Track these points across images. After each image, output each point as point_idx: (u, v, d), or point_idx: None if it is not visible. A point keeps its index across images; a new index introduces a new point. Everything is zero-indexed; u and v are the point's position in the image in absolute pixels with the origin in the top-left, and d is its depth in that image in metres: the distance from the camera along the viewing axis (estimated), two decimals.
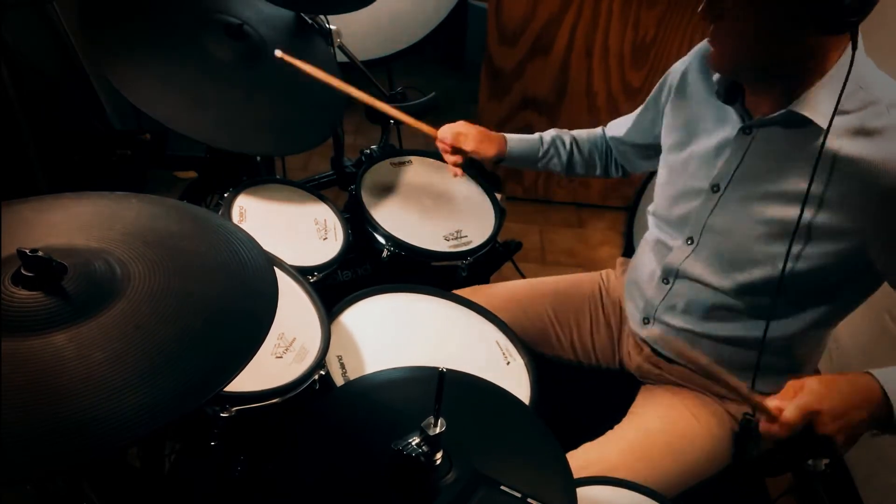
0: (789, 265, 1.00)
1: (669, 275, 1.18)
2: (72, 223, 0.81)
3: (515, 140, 1.43)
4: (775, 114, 0.99)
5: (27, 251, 0.67)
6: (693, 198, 1.12)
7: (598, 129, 1.47)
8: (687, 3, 2.15)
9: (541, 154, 1.43)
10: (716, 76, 1.08)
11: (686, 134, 1.15)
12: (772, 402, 0.89)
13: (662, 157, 1.22)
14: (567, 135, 1.46)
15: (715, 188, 1.09)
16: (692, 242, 1.13)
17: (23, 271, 0.68)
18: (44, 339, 0.66)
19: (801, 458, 1.17)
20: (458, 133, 1.38)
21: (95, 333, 0.67)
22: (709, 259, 1.11)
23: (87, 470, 1.01)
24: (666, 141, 1.21)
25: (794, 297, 1.05)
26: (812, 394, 0.87)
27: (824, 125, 0.94)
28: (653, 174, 2.15)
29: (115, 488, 1.10)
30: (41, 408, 0.62)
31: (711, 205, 1.09)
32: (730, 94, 1.06)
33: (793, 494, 1.70)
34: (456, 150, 1.39)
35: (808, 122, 0.96)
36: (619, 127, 1.41)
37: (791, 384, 0.90)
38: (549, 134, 1.45)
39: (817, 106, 0.95)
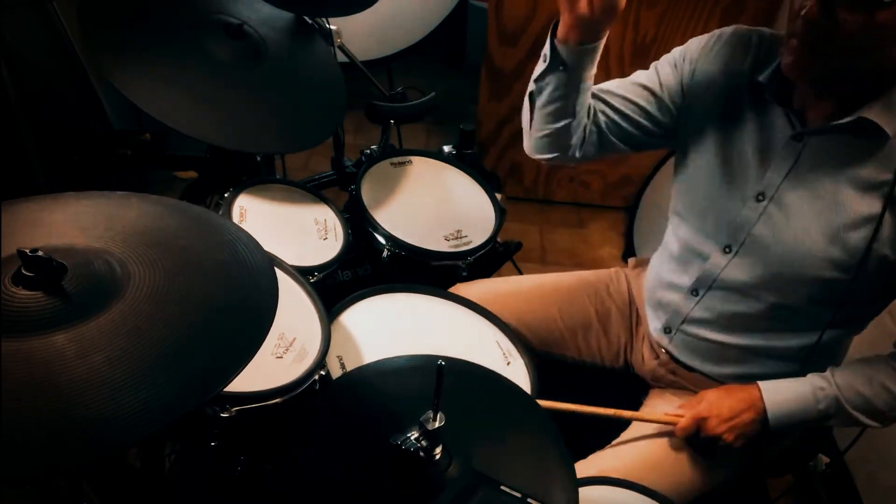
0: (846, 280, 0.98)
1: (701, 286, 1.13)
2: (72, 223, 0.81)
3: None
4: (841, 121, 0.93)
5: (27, 251, 0.67)
6: (733, 204, 1.06)
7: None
8: (687, 2, 2.15)
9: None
10: (763, 75, 1.00)
11: (722, 134, 1.07)
12: (671, 412, 1.13)
13: (691, 155, 1.13)
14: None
15: (760, 197, 1.03)
16: (730, 251, 1.08)
17: (23, 271, 0.68)
18: (44, 339, 0.66)
19: (802, 458, 1.18)
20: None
21: (96, 334, 0.67)
22: (750, 270, 1.06)
23: (88, 470, 1.01)
24: (696, 138, 1.11)
25: (841, 312, 1.02)
26: (704, 403, 1.09)
27: (891, 132, 0.91)
28: (655, 172, 2.16)
29: (115, 488, 1.09)
30: (42, 408, 0.62)
31: (756, 214, 1.04)
32: (781, 95, 1.00)
33: (793, 494, 1.70)
34: None
35: (874, 132, 0.91)
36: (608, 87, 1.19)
37: (696, 396, 1.13)
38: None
39: (889, 112, 0.90)
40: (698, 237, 1.13)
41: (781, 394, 1.06)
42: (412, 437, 0.78)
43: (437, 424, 0.77)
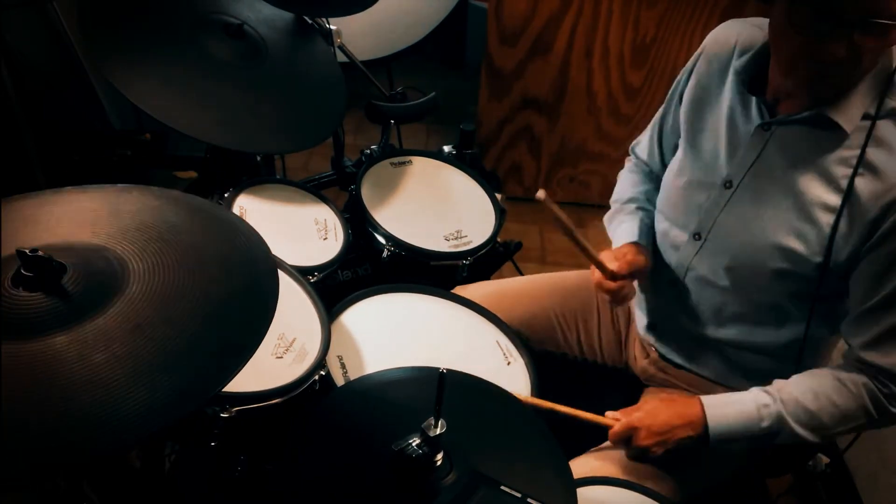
0: (810, 272, 0.99)
1: (677, 276, 1.15)
2: (72, 219, 0.81)
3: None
4: (801, 114, 0.96)
5: (27, 251, 0.67)
6: (703, 191, 1.09)
7: (641, 175, 1.33)
8: (687, 2, 2.15)
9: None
10: (739, 61, 1.03)
11: (699, 123, 1.11)
12: (611, 415, 1.10)
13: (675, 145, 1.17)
14: (646, 203, 1.29)
15: (727, 184, 1.05)
16: (700, 239, 1.10)
17: (22, 272, 0.68)
18: (45, 341, 0.66)
19: (802, 458, 1.17)
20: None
21: (96, 333, 0.67)
22: (718, 258, 1.08)
23: (88, 470, 1.01)
24: (679, 128, 1.16)
25: (818, 307, 1.02)
26: (639, 413, 1.07)
27: (849, 129, 0.92)
28: None
29: (115, 488, 1.10)
30: (42, 409, 0.62)
31: (723, 201, 1.06)
32: (754, 84, 1.02)
33: (793, 494, 1.70)
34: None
35: (833, 127, 0.93)
36: (650, 152, 1.30)
37: (640, 403, 1.13)
38: (641, 214, 1.27)
39: (848, 110, 0.92)
40: (672, 227, 1.15)
41: (723, 409, 1.03)
42: (413, 444, 0.79)
43: (438, 431, 0.77)
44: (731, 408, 1.03)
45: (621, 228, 1.25)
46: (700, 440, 1.03)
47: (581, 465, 1.08)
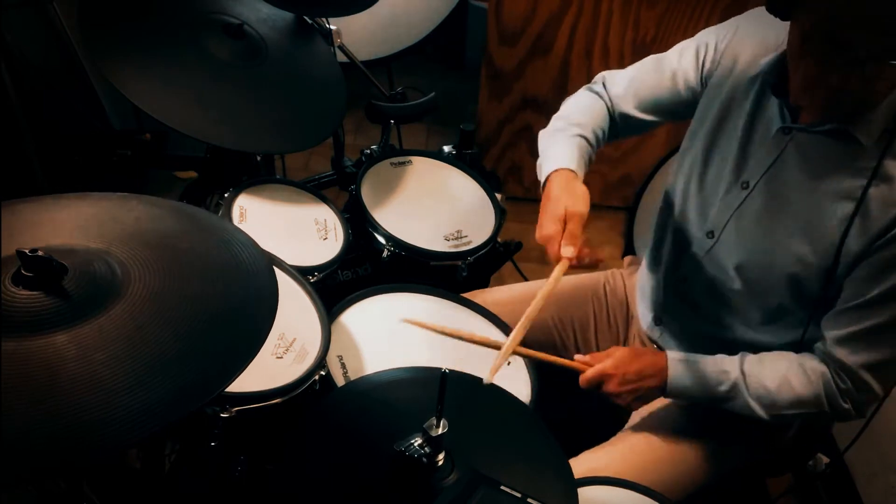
0: (818, 277, 0.99)
1: (688, 273, 1.15)
2: (72, 224, 0.81)
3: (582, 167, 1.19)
4: (822, 127, 0.96)
5: (27, 251, 0.67)
6: (720, 190, 1.08)
7: (602, 108, 1.27)
8: (687, 2, 2.15)
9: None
10: (764, 60, 1.02)
11: (725, 122, 1.09)
12: (580, 359, 1.09)
13: (691, 138, 1.15)
14: (591, 135, 1.24)
15: (745, 185, 1.05)
16: (713, 237, 1.10)
17: (22, 272, 0.68)
18: (44, 339, 0.66)
19: (802, 458, 1.17)
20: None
21: (96, 334, 0.67)
22: (729, 257, 1.08)
23: (87, 470, 1.01)
24: (699, 120, 1.13)
25: (819, 311, 1.03)
26: (611, 360, 1.07)
27: (868, 143, 0.93)
28: (655, 171, 2.16)
29: (115, 488, 1.10)
30: (42, 409, 0.62)
31: (738, 201, 1.06)
32: (778, 86, 1.00)
33: (793, 494, 1.71)
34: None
35: (853, 140, 0.94)
36: (624, 93, 1.26)
37: (605, 351, 1.10)
38: (583, 143, 1.22)
39: (868, 126, 0.92)
40: (686, 223, 1.15)
41: (685, 367, 1.07)
42: (415, 444, 0.79)
43: (440, 431, 0.77)
44: (692, 367, 1.07)
45: (556, 150, 1.17)
46: (661, 391, 1.08)
47: (581, 465, 1.08)
